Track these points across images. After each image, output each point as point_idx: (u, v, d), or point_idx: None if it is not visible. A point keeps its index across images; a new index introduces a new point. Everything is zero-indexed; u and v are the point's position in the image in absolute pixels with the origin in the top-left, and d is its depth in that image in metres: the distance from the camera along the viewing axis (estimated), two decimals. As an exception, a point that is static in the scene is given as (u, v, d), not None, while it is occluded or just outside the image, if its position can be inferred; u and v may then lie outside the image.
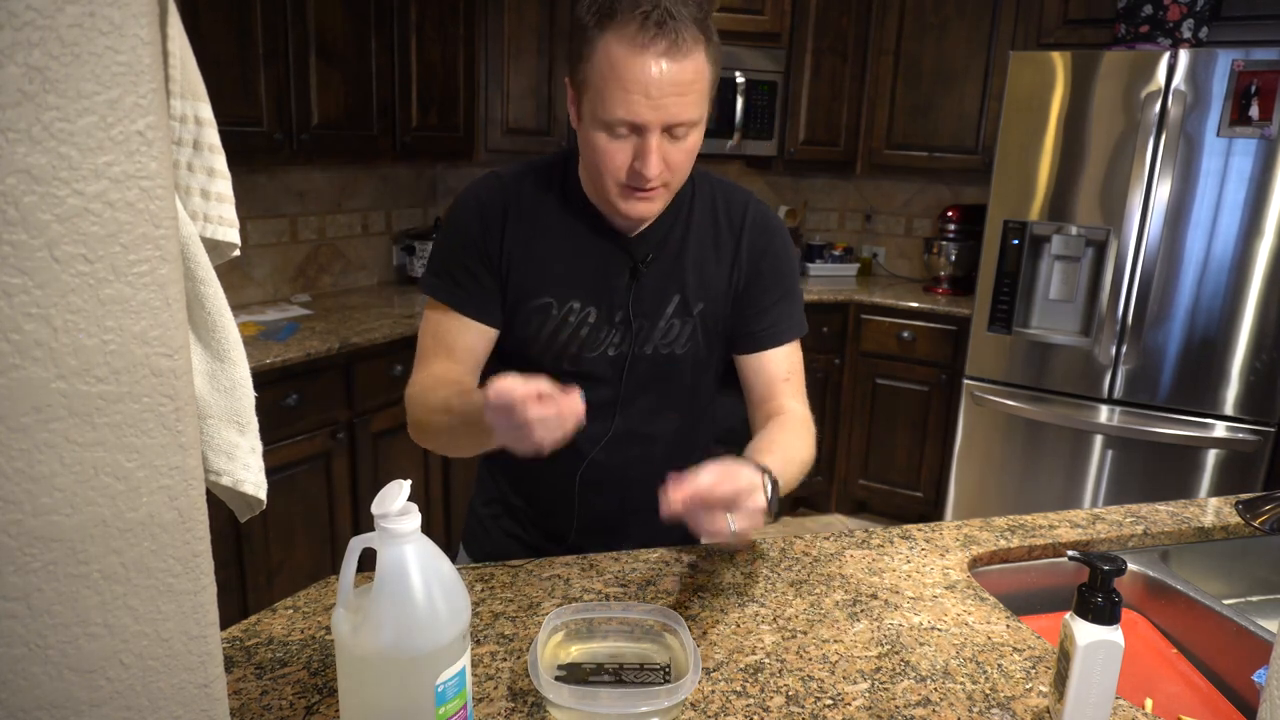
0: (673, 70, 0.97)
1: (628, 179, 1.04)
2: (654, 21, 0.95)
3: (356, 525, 2.57)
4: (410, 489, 0.71)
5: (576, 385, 1.15)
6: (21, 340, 0.42)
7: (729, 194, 1.21)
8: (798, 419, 1.17)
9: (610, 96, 0.98)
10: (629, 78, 0.97)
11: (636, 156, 1.02)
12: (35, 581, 0.45)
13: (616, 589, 1.11)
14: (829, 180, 4.08)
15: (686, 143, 1.03)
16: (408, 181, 3.43)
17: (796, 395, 1.21)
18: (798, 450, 1.11)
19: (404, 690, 0.70)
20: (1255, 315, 2.64)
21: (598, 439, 1.19)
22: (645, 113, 0.98)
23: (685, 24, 0.96)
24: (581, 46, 1.00)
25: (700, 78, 1.00)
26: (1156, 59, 2.63)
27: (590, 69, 1.00)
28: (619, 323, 1.15)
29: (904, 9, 3.45)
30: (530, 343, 1.16)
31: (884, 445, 3.50)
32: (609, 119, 1.00)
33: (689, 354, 1.19)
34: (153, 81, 0.45)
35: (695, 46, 0.98)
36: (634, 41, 0.96)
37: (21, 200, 0.41)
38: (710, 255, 1.18)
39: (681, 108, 0.99)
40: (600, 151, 1.03)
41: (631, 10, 0.96)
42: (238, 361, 0.64)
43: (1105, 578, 0.82)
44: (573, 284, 1.14)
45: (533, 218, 1.14)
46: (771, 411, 1.19)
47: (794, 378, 1.21)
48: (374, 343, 2.50)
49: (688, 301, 1.17)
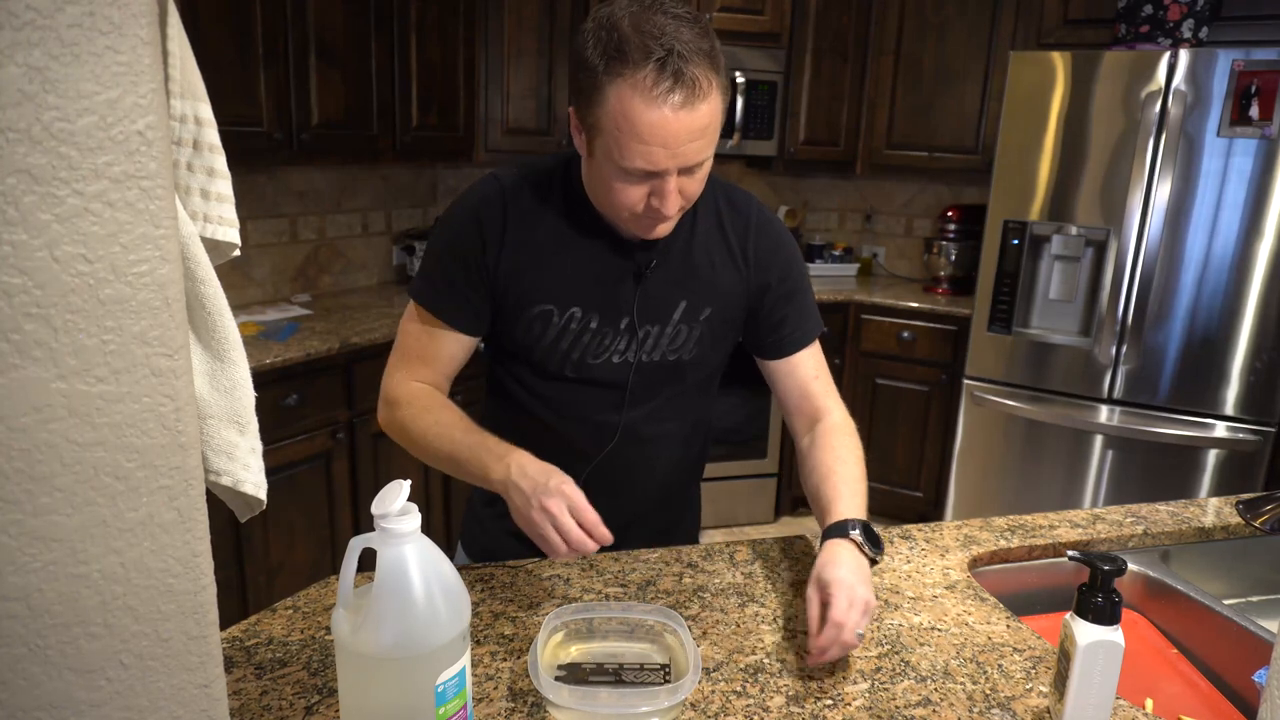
0: (690, 120, 0.94)
1: (645, 213, 1.03)
2: (670, 73, 0.91)
3: (356, 525, 2.57)
4: (410, 489, 0.71)
5: (582, 391, 1.16)
6: (21, 340, 0.42)
7: (731, 196, 1.20)
8: (843, 431, 1.17)
9: (627, 147, 0.95)
10: (645, 132, 0.93)
11: (654, 194, 1.00)
12: (35, 581, 0.45)
13: (616, 589, 1.11)
14: (829, 180, 4.08)
15: (701, 171, 1.02)
16: (408, 181, 3.43)
17: (830, 393, 1.22)
18: (858, 472, 1.12)
19: (404, 690, 0.70)
20: (1255, 315, 2.64)
21: (603, 444, 1.19)
22: (664, 161, 0.96)
23: (698, 66, 0.92)
24: (591, 90, 0.96)
25: (715, 117, 0.97)
26: (1157, 59, 2.63)
27: (603, 115, 0.96)
28: (624, 329, 1.14)
29: (904, 9, 3.45)
30: (532, 349, 1.15)
31: (884, 445, 3.50)
32: (627, 167, 0.97)
33: (695, 359, 1.18)
34: (153, 81, 0.45)
35: (709, 88, 0.94)
36: (650, 95, 0.92)
37: (21, 200, 0.41)
38: (717, 259, 1.17)
39: (698, 150, 0.97)
40: (616, 191, 1.01)
41: (644, 59, 0.91)
42: (238, 361, 0.64)
43: (1105, 578, 0.82)
44: (574, 291, 1.13)
45: (533, 226, 1.12)
46: (812, 415, 1.21)
47: (822, 374, 1.23)
48: (374, 343, 2.50)
49: (695, 307, 1.16)
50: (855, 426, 1.20)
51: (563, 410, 1.18)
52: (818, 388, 1.21)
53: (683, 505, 1.36)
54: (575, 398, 1.17)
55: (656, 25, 0.92)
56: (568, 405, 1.18)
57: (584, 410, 1.18)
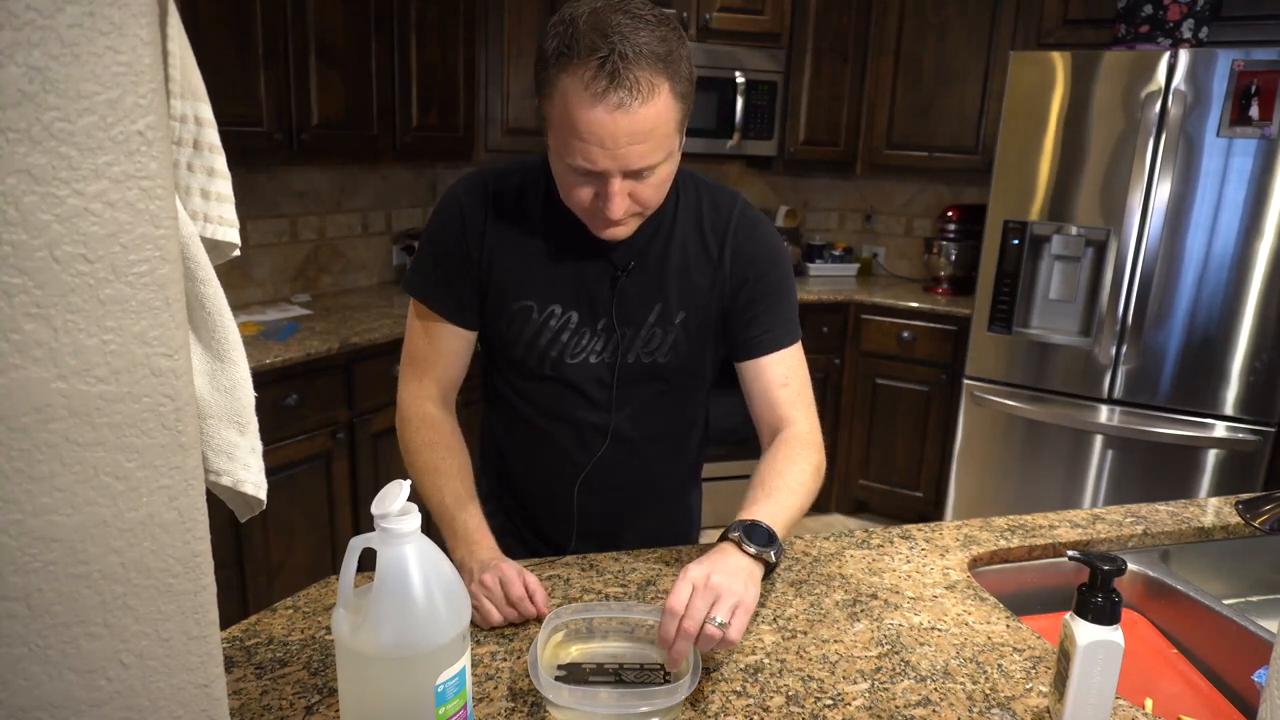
0: (627, 122, 0.92)
1: (593, 212, 1.02)
2: (607, 72, 0.89)
3: (356, 525, 2.57)
4: (410, 489, 0.72)
5: (564, 391, 1.16)
6: (21, 340, 0.42)
7: (715, 198, 1.17)
8: (798, 440, 1.13)
9: (567, 143, 0.95)
10: (583, 129, 0.93)
11: (599, 195, 0.99)
12: (35, 581, 0.45)
13: (616, 589, 1.11)
14: (829, 180, 4.08)
15: (655, 177, 1.00)
16: (408, 181, 3.43)
17: (797, 403, 1.16)
18: (798, 482, 1.07)
19: (404, 690, 0.70)
20: (1255, 315, 2.64)
21: (593, 450, 1.19)
22: (602, 161, 0.95)
23: (641, 69, 0.90)
24: (544, 82, 0.96)
25: (662, 121, 0.94)
26: (1156, 59, 2.63)
27: (550, 107, 0.96)
28: (602, 329, 1.14)
29: (904, 9, 3.45)
30: (513, 344, 1.16)
31: (884, 445, 3.50)
32: (569, 163, 0.97)
33: (672, 363, 1.17)
34: (153, 81, 0.45)
35: (653, 92, 0.92)
36: (587, 90, 0.91)
37: (21, 200, 0.41)
38: (693, 263, 1.15)
39: (641, 155, 0.95)
40: (566, 185, 1.01)
41: (588, 55, 0.90)
42: (238, 361, 0.64)
43: (1105, 578, 0.82)
44: (554, 288, 1.13)
45: (515, 219, 1.13)
46: (774, 424, 1.16)
47: (793, 383, 1.17)
48: (374, 343, 2.50)
49: (669, 311, 1.14)
50: (820, 441, 1.15)
51: (550, 412, 1.19)
52: (783, 395, 1.16)
53: (681, 514, 1.35)
54: (560, 399, 1.18)
55: (613, 24, 0.91)
56: (554, 407, 1.19)
57: (570, 411, 1.18)
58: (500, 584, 1.00)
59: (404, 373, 1.19)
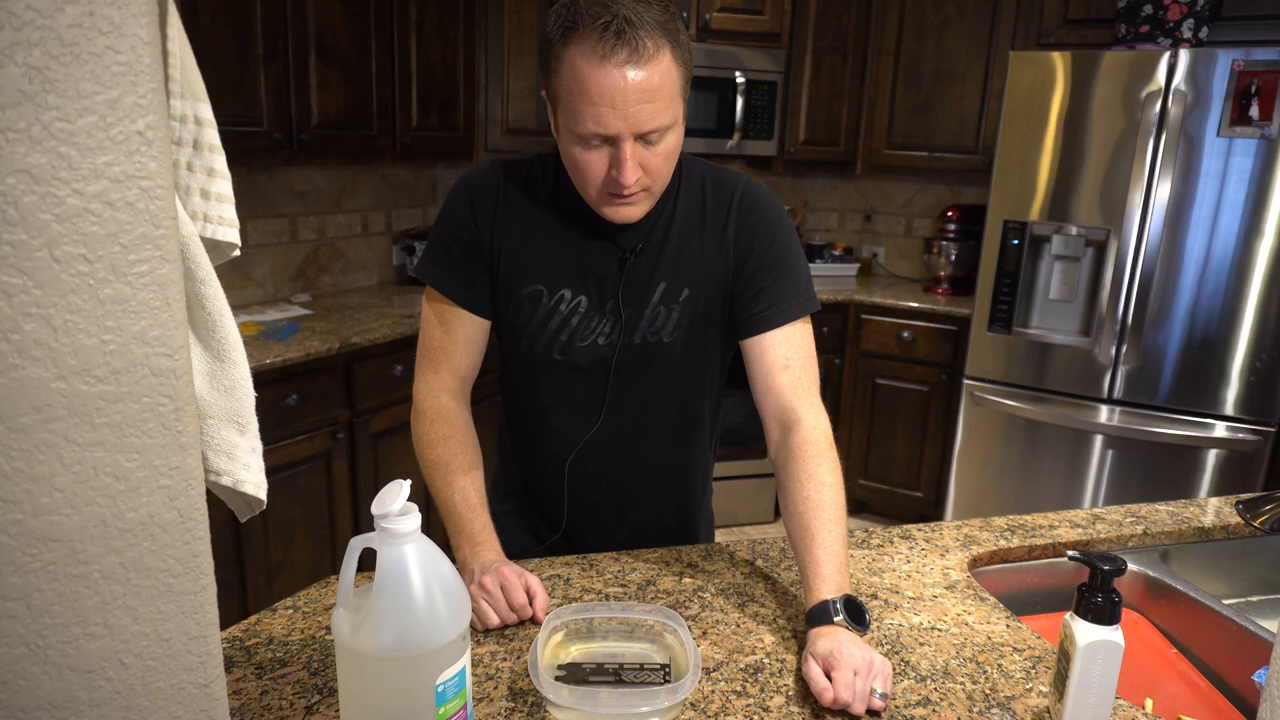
0: (637, 79, 0.96)
1: (606, 186, 1.05)
2: (613, 31, 0.95)
3: (356, 525, 2.57)
4: (410, 489, 0.72)
5: (570, 374, 1.17)
6: (21, 340, 0.42)
7: (719, 178, 1.19)
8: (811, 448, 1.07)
9: (579, 110, 0.99)
10: (594, 90, 0.97)
11: (613, 165, 1.02)
12: (35, 581, 0.45)
13: (616, 589, 1.11)
14: (829, 180, 4.08)
15: (663, 146, 1.03)
16: (408, 181, 3.43)
17: (801, 390, 1.11)
18: (837, 514, 1.03)
19: (404, 690, 0.70)
20: (1255, 315, 2.63)
21: (587, 428, 1.20)
22: (614, 123, 0.98)
23: (646, 29, 0.96)
24: (550, 61, 1.01)
25: (667, 82, 0.99)
26: (1156, 59, 2.63)
27: (559, 83, 1.00)
28: (609, 311, 1.16)
29: (904, 9, 3.45)
30: (522, 332, 1.17)
31: (884, 445, 3.50)
32: (581, 132, 1.00)
33: (677, 342, 1.17)
34: (153, 81, 0.45)
35: (658, 52, 0.97)
36: (595, 53, 0.96)
37: (21, 200, 0.41)
38: (696, 241, 1.16)
39: (650, 115, 0.99)
40: (577, 163, 1.04)
41: (592, 23, 0.96)
42: (238, 361, 0.64)
43: (1105, 578, 0.82)
44: (563, 272, 1.15)
45: (524, 206, 1.16)
46: (779, 413, 1.11)
47: (795, 366, 1.12)
48: (374, 343, 2.50)
49: (674, 288, 1.16)
50: (829, 431, 1.10)
51: (553, 392, 1.21)
52: (785, 380, 1.11)
53: (686, 522, 1.34)
54: (564, 380, 1.19)
55: None
56: (557, 388, 1.20)
57: (572, 390, 1.20)
58: (501, 588, 1.01)
59: (420, 365, 1.21)
